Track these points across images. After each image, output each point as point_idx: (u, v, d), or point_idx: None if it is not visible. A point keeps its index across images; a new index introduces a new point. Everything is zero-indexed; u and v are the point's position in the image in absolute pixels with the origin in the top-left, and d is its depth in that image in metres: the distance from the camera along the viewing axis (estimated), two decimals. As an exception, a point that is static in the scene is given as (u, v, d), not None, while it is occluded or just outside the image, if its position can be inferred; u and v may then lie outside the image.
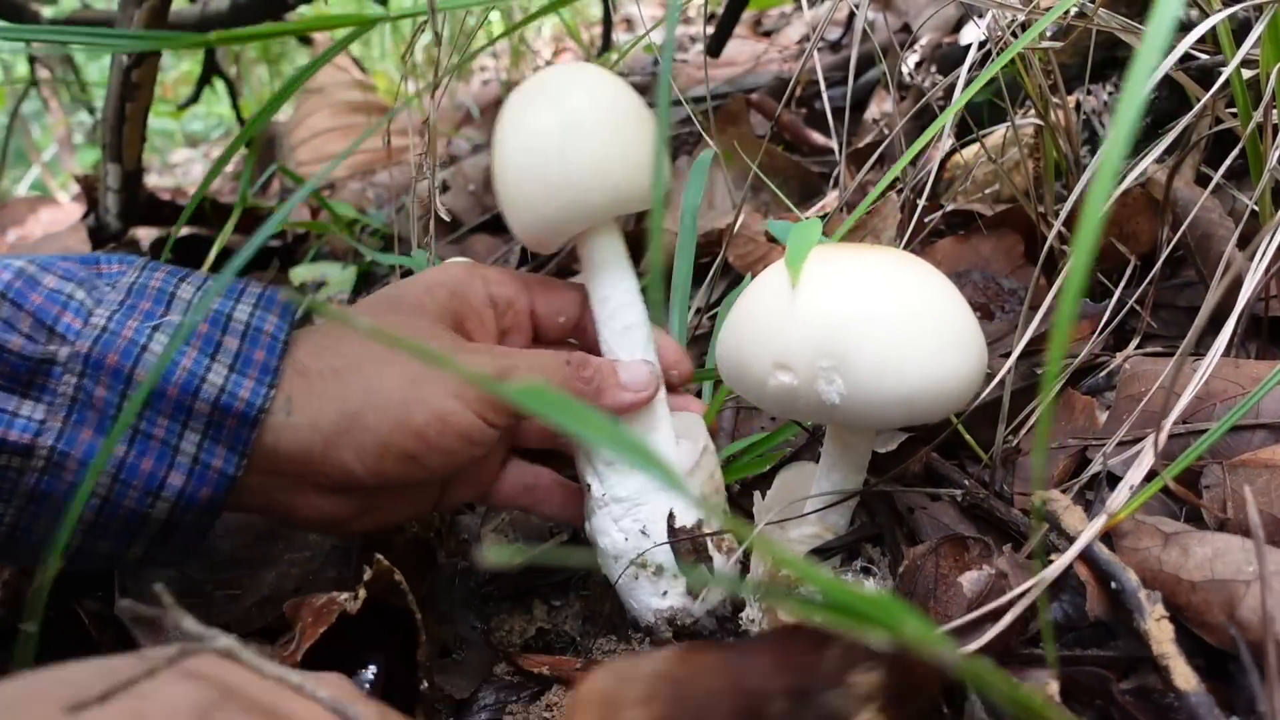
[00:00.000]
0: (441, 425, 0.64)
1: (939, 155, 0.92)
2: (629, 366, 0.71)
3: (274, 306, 0.67)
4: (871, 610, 0.26)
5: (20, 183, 3.56)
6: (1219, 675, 0.57)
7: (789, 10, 2.47)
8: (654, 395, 0.71)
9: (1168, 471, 0.61)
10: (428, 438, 0.64)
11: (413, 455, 0.64)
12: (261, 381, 0.63)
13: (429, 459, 0.64)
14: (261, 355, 0.64)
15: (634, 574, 0.69)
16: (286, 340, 0.66)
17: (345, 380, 0.65)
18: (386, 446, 0.63)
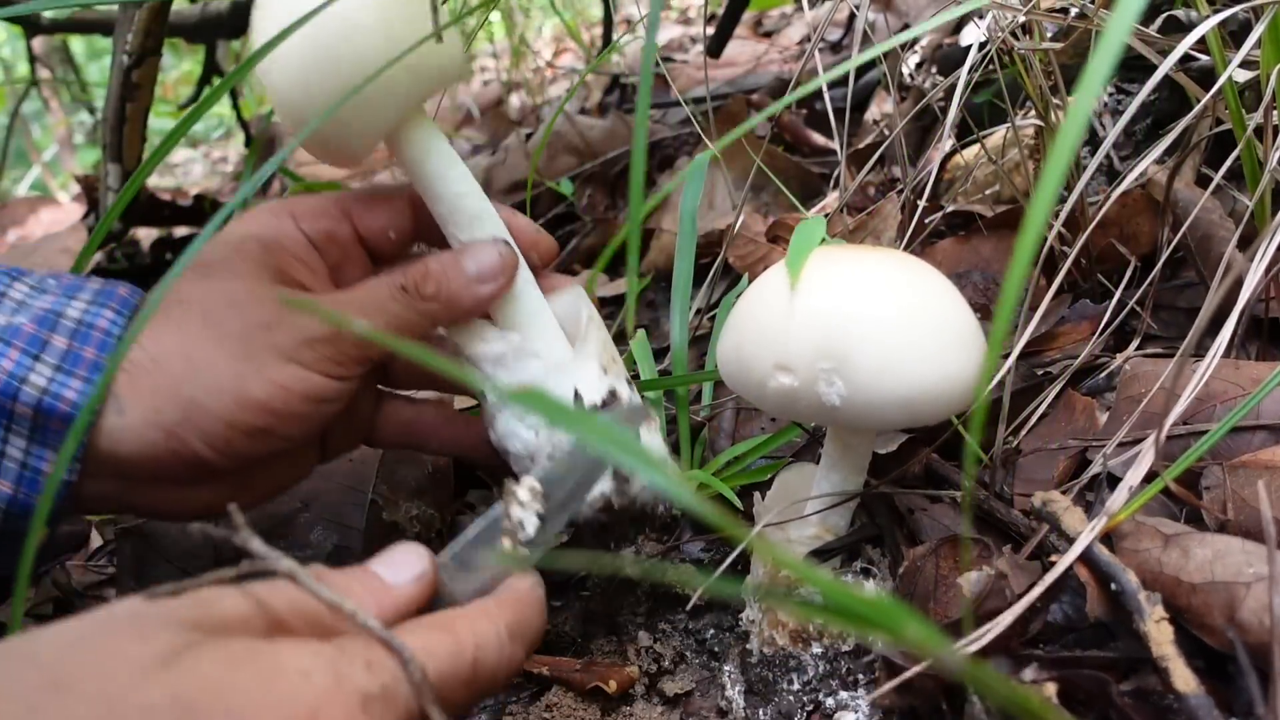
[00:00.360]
0: (284, 393, 0.60)
1: (939, 156, 0.92)
2: (473, 252, 0.66)
3: (111, 301, 0.63)
4: (871, 613, 0.26)
5: (21, 183, 3.56)
6: (1219, 677, 0.57)
7: (789, 11, 2.47)
8: (512, 276, 0.66)
9: (1168, 473, 0.61)
10: (273, 408, 0.60)
11: (263, 429, 0.61)
12: (89, 380, 0.59)
13: (283, 428, 0.62)
14: (91, 353, 0.60)
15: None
16: (121, 335, 0.61)
17: (170, 368, 0.60)
18: (232, 426, 0.60)
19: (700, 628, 0.76)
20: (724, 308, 1.00)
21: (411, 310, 0.64)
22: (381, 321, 0.64)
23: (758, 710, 0.67)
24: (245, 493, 0.66)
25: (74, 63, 2.89)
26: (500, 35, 2.64)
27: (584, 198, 1.55)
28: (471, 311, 0.66)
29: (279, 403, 0.61)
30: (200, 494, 0.65)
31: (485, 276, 0.65)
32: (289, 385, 0.61)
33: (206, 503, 0.65)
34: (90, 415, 0.58)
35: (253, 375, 0.60)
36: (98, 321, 0.61)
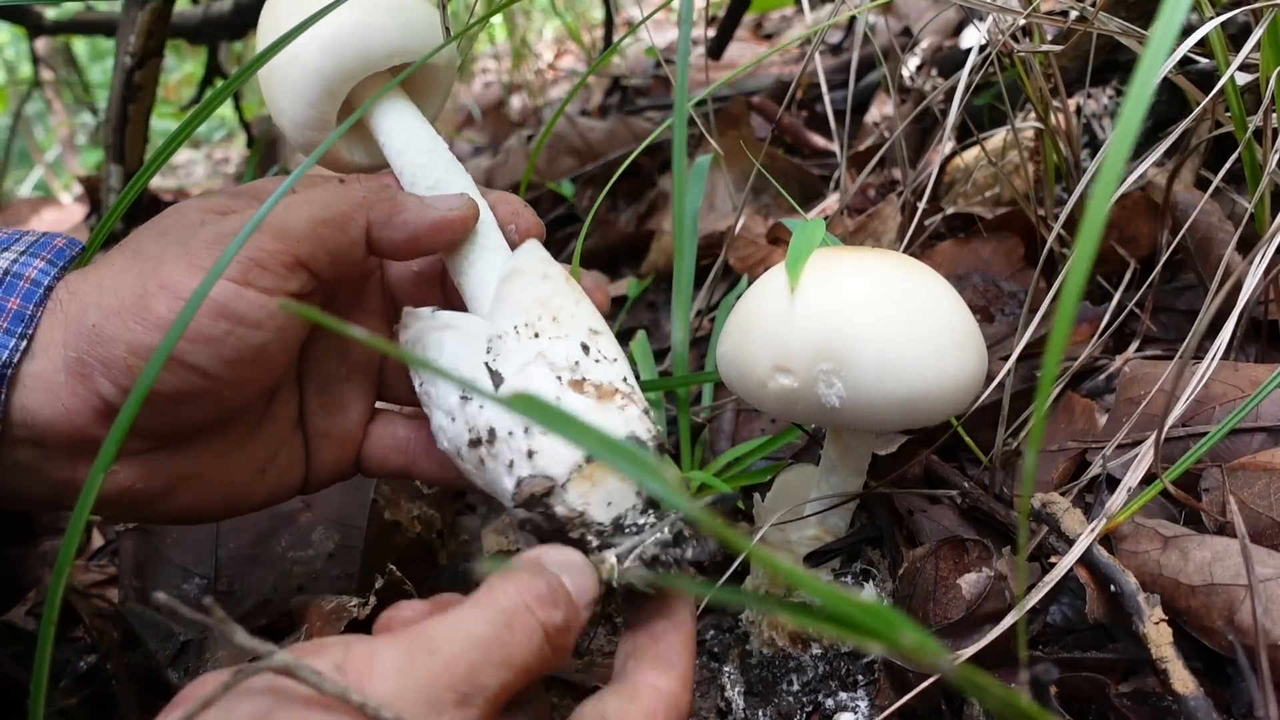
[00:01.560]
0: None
1: (939, 158, 0.92)
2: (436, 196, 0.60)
3: (44, 251, 0.57)
4: (867, 619, 0.27)
5: (24, 183, 3.56)
6: (1218, 678, 0.57)
7: (790, 13, 2.47)
8: (468, 216, 0.59)
9: (1167, 474, 0.61)
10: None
11: (171, 357, 0.51)
12: (10, 332, 0.53)
13: (190, 354, 0.52)
14: (15, 303, 0.54)
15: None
16: (51, 285, 0.55)
17: (81, 298, 0.54)
18: (134, 352, 0.52)
19: (700, 628, 0.76)
20: (724, 309, 1.00)
21: (342, 196, 0.56)
22: (307, 210, 0.55)
23: (757, 711, 0.67)
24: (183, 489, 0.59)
25: (77, 64, 2.90)
26: (502, 37, 2.65)
27: (584, 199, 1.56)
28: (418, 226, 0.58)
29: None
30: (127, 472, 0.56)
31: (440, 204, 0.59)
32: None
33: (131, 488, 0.56)
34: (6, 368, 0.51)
35: (156, 291, 0.52)
36: (26, 271, 0.55)
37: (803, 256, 0.61)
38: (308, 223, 0.55)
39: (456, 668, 0.42)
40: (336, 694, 0.39)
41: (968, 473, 0.76)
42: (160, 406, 0.53)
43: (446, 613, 0.45)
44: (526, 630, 0.45)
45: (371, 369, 0.67)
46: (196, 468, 0.59)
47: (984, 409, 0.74)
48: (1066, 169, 0.87)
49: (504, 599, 0.46)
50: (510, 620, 0.45)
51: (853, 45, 0.95)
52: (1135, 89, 0.30)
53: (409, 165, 0.61)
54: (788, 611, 0.28)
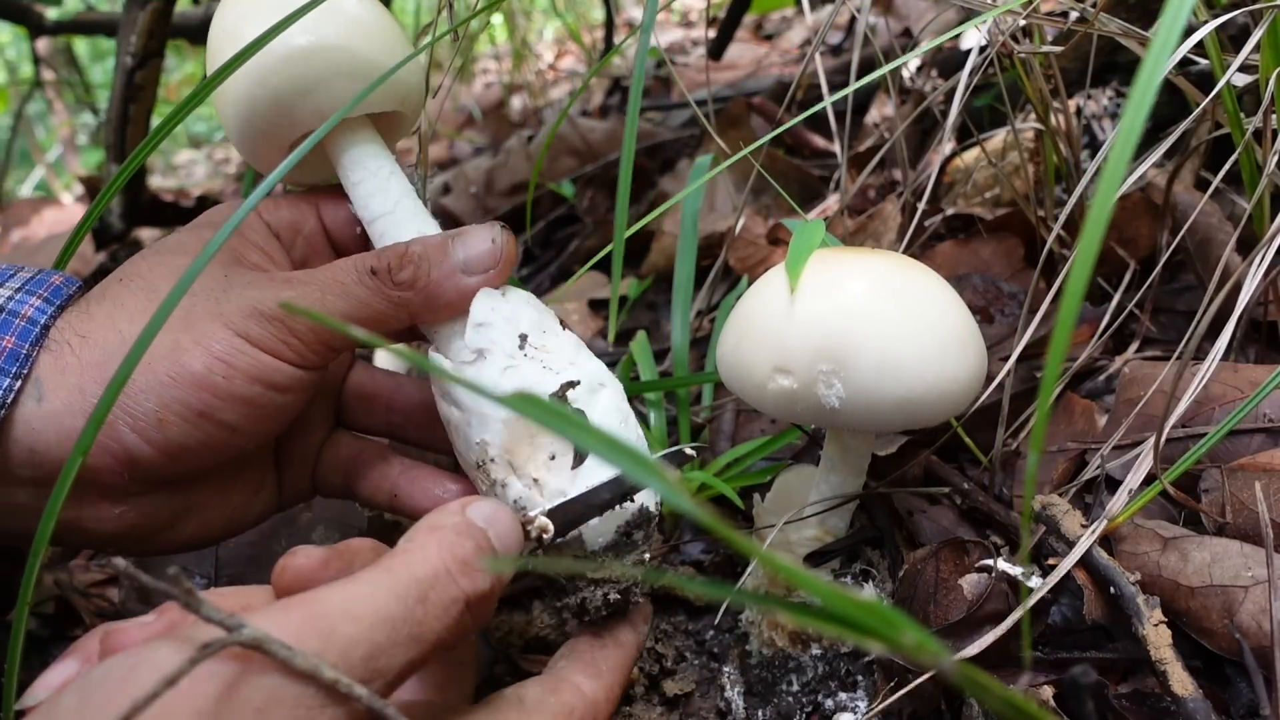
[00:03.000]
0: (225, 369, 0.53)
1: (939, 159, 0.92)
2: (464, 237, 0.57)
3: (40, 289, 0.56)
4: (867, 618, 0.27)
5: (24, 183, 3.56)
6: (1217, 679, 0.57)
7: (790, 14, 2.47)
8: (508, 268, 0.58)
9: (1166, 475, 0.61)
10: (213, 385, 0.52)
11: (200, 411, 0.52)
12: (6, 371, 0.52)
13: (223, 412, 0.53)
14: (10, 342, 0.53)
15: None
16: (48, 325, 0.55)
17: (98, 343, 0.53)
18: (166, 406, 0.52)
19: (700, 629, 0.76)
20: (724, 309, 1.00)
21: (381, 298, 0.55)
22: (343, 306, 0.55)
23: (757, 711, 0.67)
24: (184, 522, 0.59)
25: (78, 64, 2.90)
26: (502, 38, 2.65)
27: (585, 199, 1.56)
28: (453, 306, 0.57)
29: (220, 378, 0.52)
30: (132, 511, 0.56)
31: (474, 266, 0.57)
32: (231, 360, 0.53)
33: (136, 525, 0.56)
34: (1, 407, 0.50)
35: (191, 347, 0.52)
36: (22, 309, 0.54)
37: (803, 257, 0.61)
38: (344, 319, 0.55)
39: (352, 655, 0.39)
40: (308, 669, 0.38)
41: (967, 473, 0.77)
42: (182, 457, 0.54)
43: (354, 580, 0.42)
44: (444, 602, 0.43)
45: (333, 392, 0.68)
46: (199, 501, 0.59)
47: (984, 410, 0.74)
48: (1066, 170, 0.87)
49: (422, 567, 0.43)
50: (426, 593, 0.42)
51: (853, 46, 0.95)
52: (1138, 91, 0.30)
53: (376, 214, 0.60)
54: (788, 610, 0.28)
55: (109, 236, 1.64)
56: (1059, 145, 0.86)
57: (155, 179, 3.71)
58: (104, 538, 0.56)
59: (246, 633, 0.38)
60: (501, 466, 0.55)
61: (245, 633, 0.37)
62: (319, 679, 0.38)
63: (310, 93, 0.57)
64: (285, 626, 0.39)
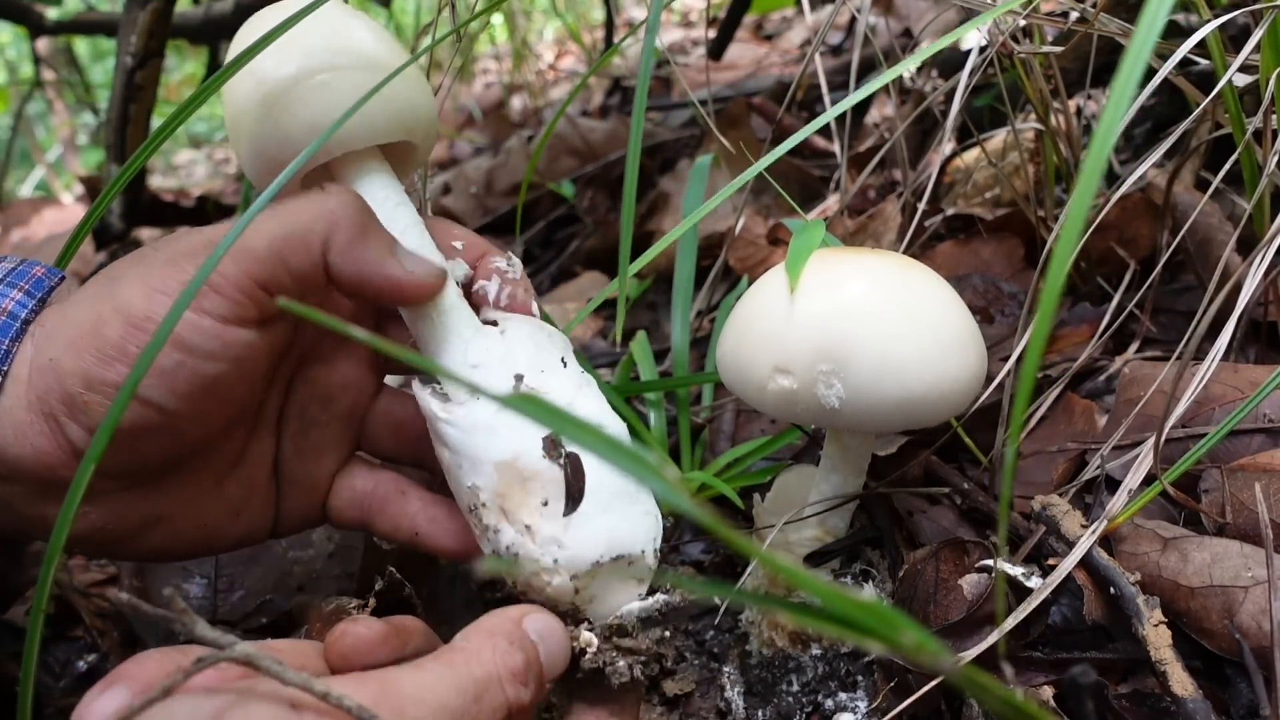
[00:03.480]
0: (140, 335, 0.48)
1: (939, 159, 0.92)
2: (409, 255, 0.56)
3: (22, 281, 0.55)
4: (867, 618, 0.27)
5: (25, 183, 3.57)
6: (1216, 679, 0.57)
7: (790, 14, 2.47)
8: (426, 287, 0.56)
9: (1166, 476, 0.61)
10: (130, 353, 0.48)
11: (116, 384, 0.48)
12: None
13: (144, 389, 0.49)
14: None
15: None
16: (29, 318, 0.53)
17: (48, 329, 0.52)
18: (89, 385, 0.48)
19: (700, 629, 0.76)
20: (724, 310, 1.00)
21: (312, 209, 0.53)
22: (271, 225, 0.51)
23: (757, 711, 0.67)
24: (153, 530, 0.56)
25: (78, 64, 2.90)
26: (503, 38, 2.65)
27: (585, 199, 1.56)
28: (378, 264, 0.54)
29: (134, 346, 0.48)
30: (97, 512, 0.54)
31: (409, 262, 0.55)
32: (143, 325, 0.48)
33: (103, 527, 0.54)
34: None
35: (108, 314, 0.49)
36: (2, 302, 0.53)
37: (803, 257, 0.61)
38: (268, 240, 0.51)
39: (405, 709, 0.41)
40: (299, 685, 0.39)
41: (967, 473, 0.77)
42: (118, 443, 0.49)
43: (418, 667, 0.44)
44: (494, 706, 0.44)
45: (353, 419, 0.65)
46: (169, 509, 0.57)
47: (984, 410, 0.74)
48: (1066, 170, 0.87)
49: (479, 669, 0.45)
50: (481, 693, 0.44)
51: (853, 46, 0.95)
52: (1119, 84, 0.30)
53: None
54: (788, 611, 0.28)
55: (109, 236, 1.64)
56: (1059, 145, 0.86)
57: (155, 179, 3.71)
58: (72, 539, 0.52)
59: (239, 649, 0.38)
60: (493, 512, 0.55)
61: (238, 649, 0.38)
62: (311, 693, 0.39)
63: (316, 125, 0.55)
64: (362, 695, 0.40)
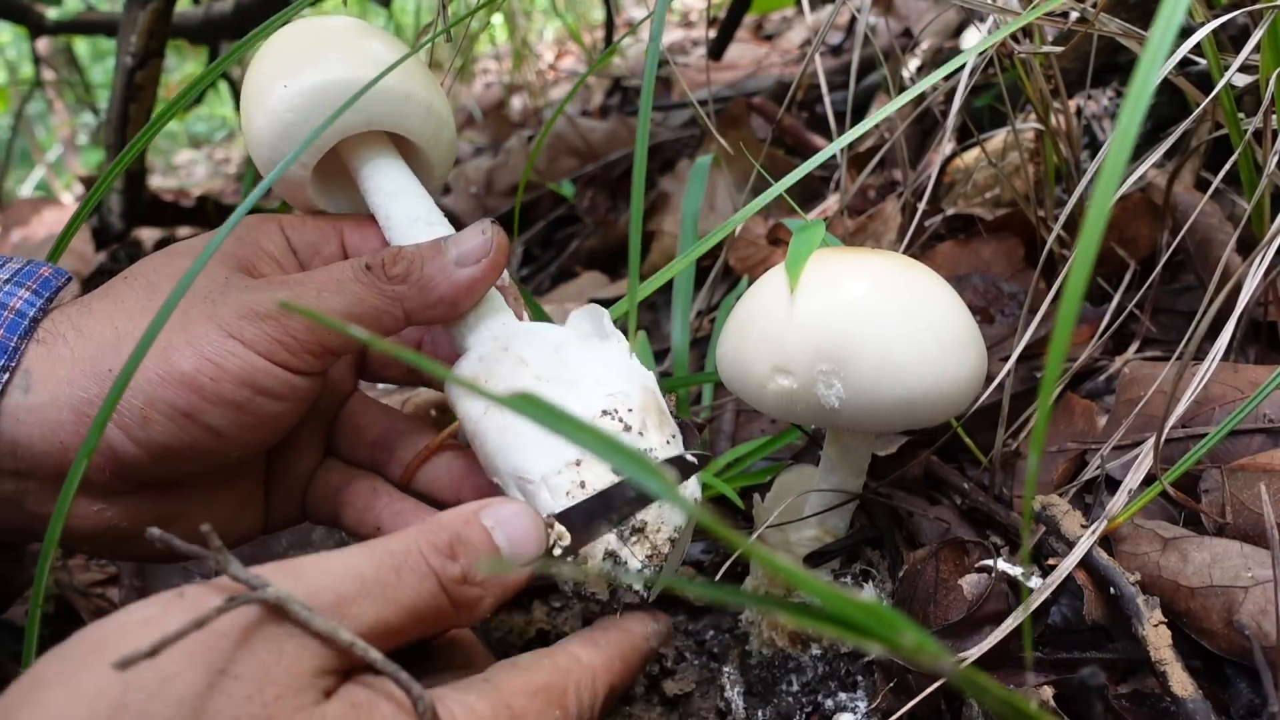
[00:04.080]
0: (214, 369, 0.52)
1: (939, 159, 0.92)
2: (456, 237, 0.58)
3: (30, 280, 0.56)
4: (867, 619, 0.27)
5: (25, 183, 3.57)
6: (1216, 680, 0.57)
7: (790, 14, 2.47)
8: (502, 262, 0.58)
9: (1167, 476, 0.61)
10: (200, 386, 0.52)
11: (185, 412, 0.52)
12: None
13: (209, 415, 0.52)
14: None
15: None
16: (38, 316, 0.55)
17: (92, 338, 0.53)
18: (151, 404, 0.51)
19: (700, 629, 0.76)
20: (724, 310, 1.00)
21: (376, 293, 0.55)
22: (340, 303, 0.55)
23: (757, 711, 0.67)
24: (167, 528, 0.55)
25: (78, 64, 2.90)
26: (503, 38, 2.65)
27: (585, 199, 1.56)
28: (451, 300, 0.57)
29: (207, 379, 0.52)
30: (113, 510, 0.55)
31: (466, 258, 0.57)
32: (221, 362, 0.52)
33: (116, 525, 0.56)
34: None
35: (182, 346, 0.52)
36: (10, 301, 0.54)
37: (803, 257, 0.61)
38: (341, 318, 0.55)
39: (320, 597, 0.41)
40: (325, 631, 0.39)
41: (967, 474, 0.77)
42: (166, 458, 0.53)
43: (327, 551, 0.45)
44: (417, 574, 0.44)
45: (326, 418, 0.67)
46: (183, 509, 0.59)
47: (984, 410, 0.74)
48: (1067, 170, 0.87)
49: (395, 543, 0.45)
50: (398, 564, 0.44)
51: (853, 46, 0.95)
52: (1134, 90, 0.30)
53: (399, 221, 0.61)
54: (788, 612, 0.28)
55: (109, 236, 1.64)
56: (1059, 145, 0.86)
57: (155, 179, 3.71)
58: (82, 535, 0.56)
59: (270, 591, 0.39)
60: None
61: (270, 591, 0.39)
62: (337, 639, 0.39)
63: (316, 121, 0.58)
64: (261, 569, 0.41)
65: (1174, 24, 0.31)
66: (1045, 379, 0.31)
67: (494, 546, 0.48)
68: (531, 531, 0.50)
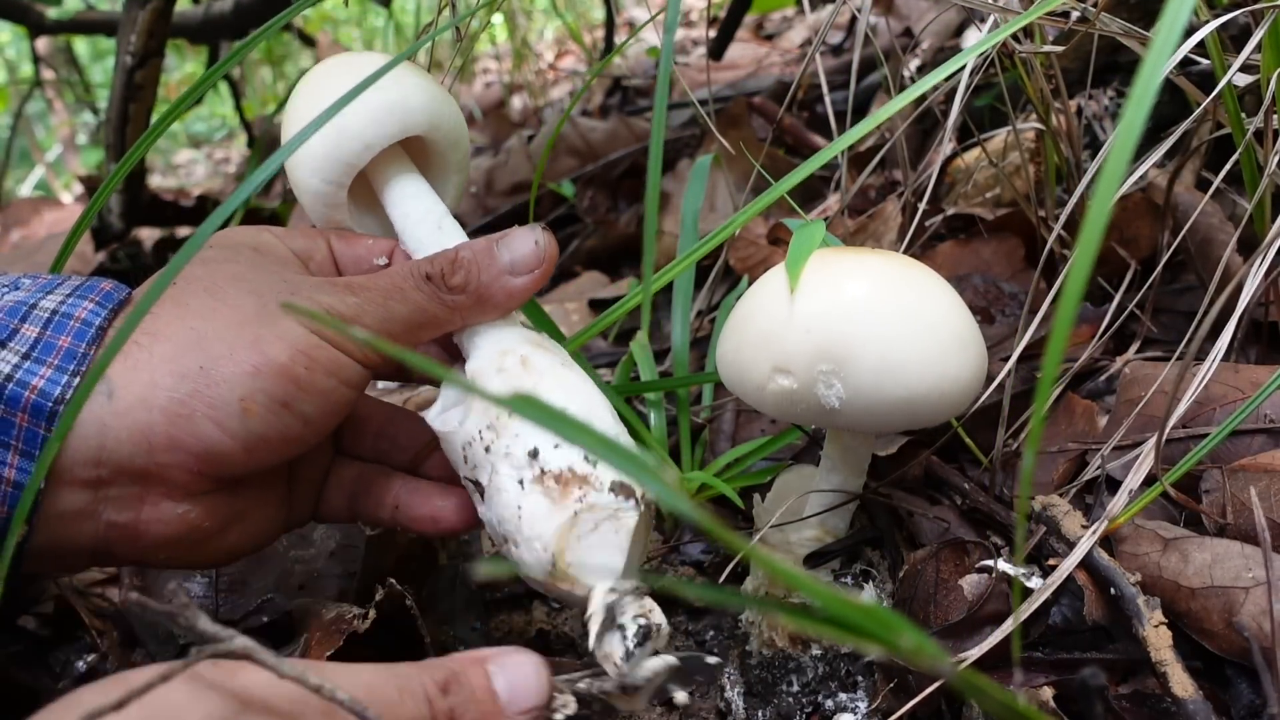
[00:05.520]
0: (308, 360, 0.55)
1: (940, 159, 0.92)
2: (508, 240, 0.61)
3: (92, 294, 0.58)
4: (866, 621, 0.26)
5: (24, 183, 3.57)
6: (1217, 680, 0.57)
7: (791, 14, 2.47)
8: (550, 268, 0.61)
9: (1167, 476, 0.61)
10: (296, 376, 0.54)
11: (284, 401, 0.54)
12: (63, 369, 0.53)
13: (303, 404, 0.55)
14: (67, 341, 0.54)
15: None
16: (104, 326, 0.56)
17: (170, 339, 0.54)
18: (251, 396, 0.53)
19: (700, 629, 0.76)
20: (724, 310, 1.00)
21: (438, 302, 0.59)
22: (404, 311, 0.58)
23: (757, 711, 0.67)
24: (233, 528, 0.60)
25: (77, 63, 2.90)
26: (503, 38, 2.65)
27: (585, 199, 1.56)
28: (503, 307, 0.61)
29: (303, 369, 0.54)
30: (191, 513, 0.56)
31: (520, 267, 0.60)
32: (312, 353, 0.55)
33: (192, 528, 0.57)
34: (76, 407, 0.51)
35: (274, 340, 0.54)
36: (75, 312, 0.56)
37: (803, 257, 0.61)
38: (404, 324, 0.59)
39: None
40: (293, 676, 0.39)
41: (968, 474, 0.76)
42: (259, 449, 0.55)
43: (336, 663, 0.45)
44: (415, 700, 0.45)
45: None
46: (246, 507, 0.61)
47: (984, 410, 0.74)
48: (1067, 170, 0.87)
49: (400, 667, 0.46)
50: (402, 685, 0.45)
51: (854, 46, 0.95)
52: (1138, 89, 0.30)
53: (416, 239, 0.64)
54: (787, 614, 0.28)
55: (109, 236, 1.64)
56: (1059, 145, 0.86)
57: (155, 178, 3.71)
58: (159, 542, 0.56)
59: (238, 642, 0.38)
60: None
61: (236, 643, 0.38)
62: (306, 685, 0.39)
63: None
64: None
65: (1180, 22, 0.31)
66: (1043, 379, 0.31)
67: (490, 689, 0.48)
68: (534, 684, 0.49)
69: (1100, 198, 0.30)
